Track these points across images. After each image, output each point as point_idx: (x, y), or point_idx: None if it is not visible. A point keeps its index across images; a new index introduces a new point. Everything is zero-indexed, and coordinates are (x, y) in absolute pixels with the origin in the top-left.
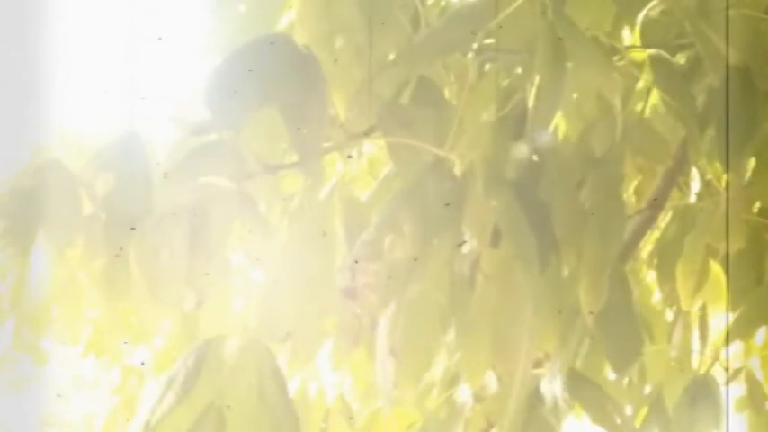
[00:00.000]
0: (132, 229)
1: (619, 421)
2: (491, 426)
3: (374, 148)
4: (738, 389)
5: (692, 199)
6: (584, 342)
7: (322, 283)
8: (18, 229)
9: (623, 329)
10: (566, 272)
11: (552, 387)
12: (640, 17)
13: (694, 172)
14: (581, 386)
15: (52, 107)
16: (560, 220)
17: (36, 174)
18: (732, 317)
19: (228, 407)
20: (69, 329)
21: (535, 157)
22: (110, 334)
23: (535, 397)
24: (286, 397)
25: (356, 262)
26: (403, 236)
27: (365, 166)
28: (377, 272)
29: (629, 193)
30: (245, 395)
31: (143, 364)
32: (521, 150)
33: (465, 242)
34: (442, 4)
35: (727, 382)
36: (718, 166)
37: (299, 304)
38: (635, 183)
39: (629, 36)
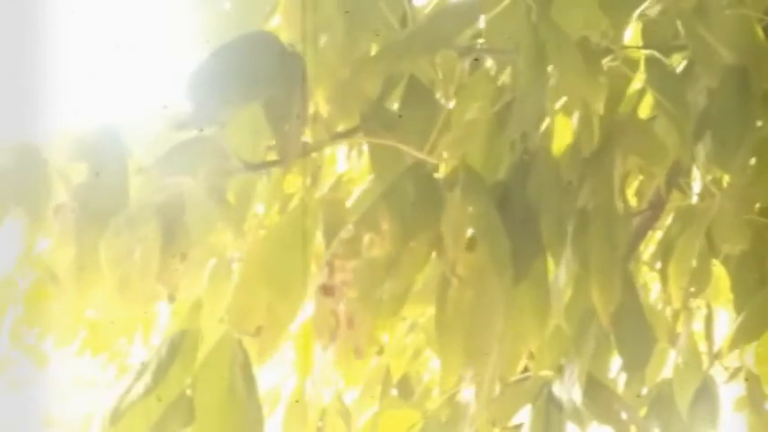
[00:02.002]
0: (104, 223)
1: (625, 417)
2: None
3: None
4: (738, 388)
5: (694, 199)
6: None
7: (298, 281)
8: None
9: (634, 330)
10: (559, 274)
11: (571, 394)
12: (642, 18)
13: (695, 172)
14: (587, 386)
15: (46, 106)
16: (550, 222)
17: (10, 154)
18: (736, 321)
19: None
20: (67, 328)
21: (525, 158)
22: (107, 324)
23: (550, 402)
24: (255, 393)
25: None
26: (381, 234)
27: (365, 166)
28: (355, 269)
29: (629, 194)
30: (214, 388)
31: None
32: (508, 152)
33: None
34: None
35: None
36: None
37: (272, 300)
38: (635, 184)
39: (626, 36)
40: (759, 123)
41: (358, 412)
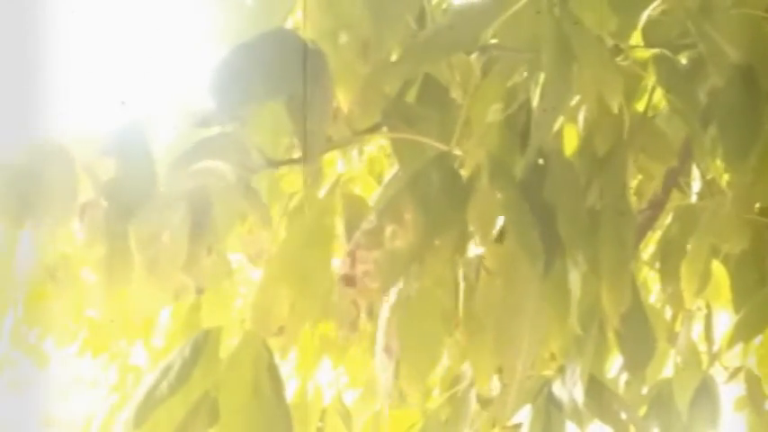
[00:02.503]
0: (132, 219)
1: (624, 417)
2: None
3: (374, 147)
4: (738, 388)
5: (693, 199)
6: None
7: (320, 279)
8: (9, 205)
9: (636, 329)
10: (574, 275)
11: (573, 394)
12: (644, 17)
13: (695, 171)
14: (588, 385)
15: (53, 101)
16: (567, 223)
17: (35, 152)
18: (735, 319)
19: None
20: (68, 328)
21: (541, 161)
22: (108, 324)
23: (550, 402)
24: (281, 393)
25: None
26: (404, 226)
27: (365, 165)
28: (377, 260)
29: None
30: (239, 388)
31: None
32: (525, 151)
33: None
34: (444, 5)
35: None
36: (721, 165)
37: (295, 299)
38: (635, 183)
39: (631, 36)
40: None
41: (358, 412)
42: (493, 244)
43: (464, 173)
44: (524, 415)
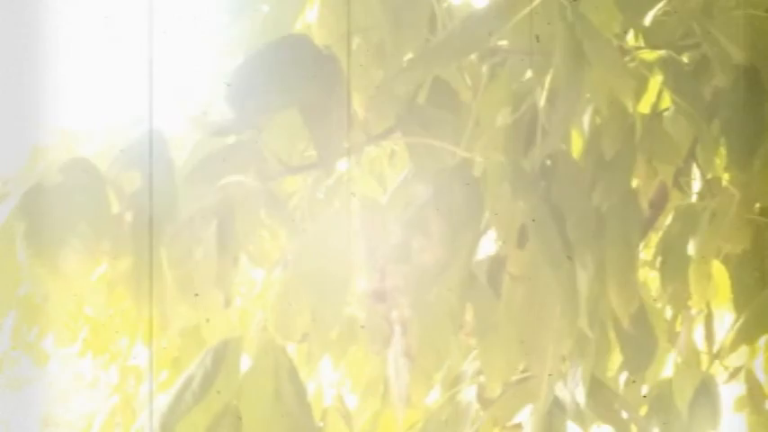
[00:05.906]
0: (158, 229)
1: (626, 416)
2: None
3: (374, 147)
4: (738, 388)
5: (694, 199)
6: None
7: (341, 284)
8: (42, 228)
9: (637, 330)
10: (583, 277)
11: (575, 395)
12: (648, 19)
13: (695, 172)
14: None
15: (52, 105)
16: (576, 224)
17: (62, 171)
18: (737, 322)
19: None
20: (68, 329)
21: (548, 162)
22: (108, 324)
23: (552, 402)
24: (303, 400)
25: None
26: (430, 238)
27: (365, 166)
28: (405, 275)
29: None
30: (260, 396)
31: None
32: (534, 154)
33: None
34: (445, 5)
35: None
36: (721, 164)
37: (317, 305)
38: (635, 183)
39: (634, 38)
40: None
41: (359, 412)
42: (515, 249)
43: (477, 173)
44: (525, 415)
